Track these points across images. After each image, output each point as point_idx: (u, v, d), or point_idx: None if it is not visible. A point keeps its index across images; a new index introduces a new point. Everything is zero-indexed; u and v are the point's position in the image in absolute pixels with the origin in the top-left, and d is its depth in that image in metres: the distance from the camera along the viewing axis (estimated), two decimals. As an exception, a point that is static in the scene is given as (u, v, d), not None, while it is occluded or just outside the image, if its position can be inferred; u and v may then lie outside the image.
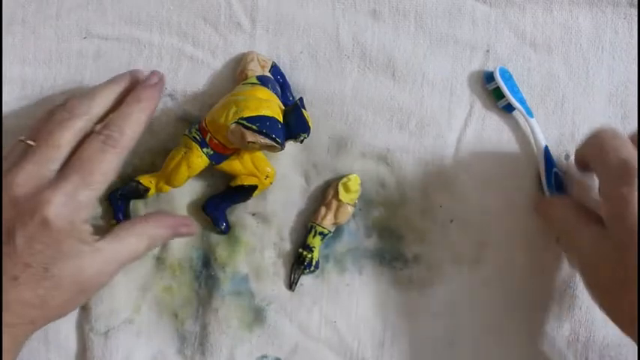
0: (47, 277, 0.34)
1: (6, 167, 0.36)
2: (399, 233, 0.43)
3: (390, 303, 0.43)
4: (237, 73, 0.42)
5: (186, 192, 0.43)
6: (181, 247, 0.43)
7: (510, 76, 0.42)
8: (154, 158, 0.42)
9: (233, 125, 0.38)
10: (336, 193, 0.42)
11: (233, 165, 0.41)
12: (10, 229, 0.34)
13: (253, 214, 0.44)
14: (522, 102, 0.42)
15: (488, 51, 0.43)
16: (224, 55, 0.43)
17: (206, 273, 0.44)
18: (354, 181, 0.42)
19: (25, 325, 0.35)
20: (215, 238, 0.43)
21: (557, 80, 0.43)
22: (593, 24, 0.43)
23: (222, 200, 0.42)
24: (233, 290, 0.43)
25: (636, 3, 0.42)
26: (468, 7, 0.43)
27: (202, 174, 0.41)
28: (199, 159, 0.39)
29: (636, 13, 0.43)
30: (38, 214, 0.34)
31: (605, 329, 0.42)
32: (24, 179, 0.35)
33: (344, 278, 0.43)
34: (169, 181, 0.40)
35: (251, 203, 0.43)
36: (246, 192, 0.42)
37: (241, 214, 0.43)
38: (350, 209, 0.42)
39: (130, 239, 0.38)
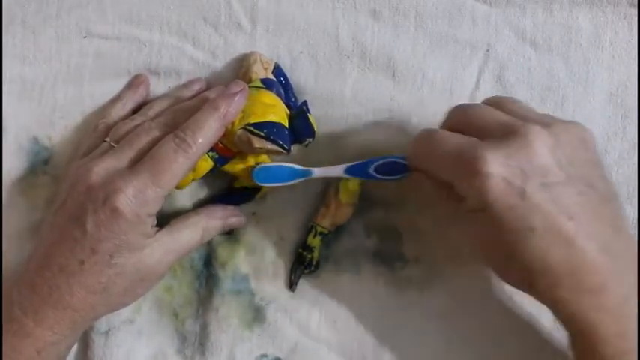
0: (111, 264, 0.36)
1: (88, 160, 0.38)
2: (399, 233, 0.43)
3: (389, 303, 0.43)
4: (240, 74, 0.42)
5: (189, 193, 0.43)
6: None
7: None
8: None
9: (240, 131, 0.38)
10: (336, 193, 0.42)
11: (236, 167, 0.41)
12: (82, 214, 0.36)
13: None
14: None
15: (488, 51, 0.43)
16: (224, 56, 0.43)
17: (206, 272, 0.44)
18: (354, 181, 0.41)
19: (85, 311, 0.37)
20: (216, 237, 0.43)
21: (557, 80, 0.43)
22: (593, 24, 0.43)
23: (224, 201, 0.43)
24: (233, 289, 0.43)
25: (636, 3, 0.42)
26: (468, 7, 0.43)
27: (205, 175, 0.41)
28: (204, 162, 0.39)
29: (636, 13, 0.42)
30: (109, 202, 0.35)
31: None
32: (102, 169, 0.36)
33: (344, 278, 0.43)
34: None
35: (251, 203, 0.43)
36: (248, 193, 0.42)
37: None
38: (350, 209, 0.42)
39: (186, 231, 0.39)
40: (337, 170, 0.40)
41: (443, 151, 0.34)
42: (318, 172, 0.40)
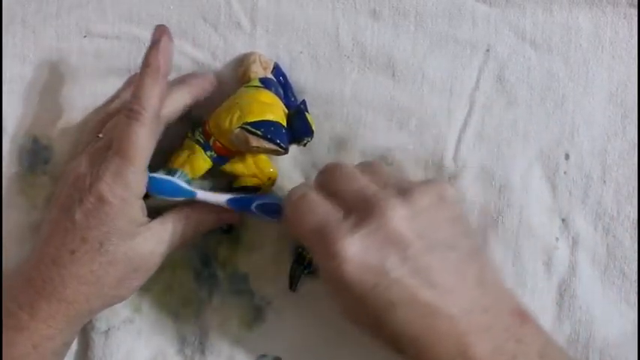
0: (102, 252, 0.36)
1: (79, 154, 0.39)
2: (399, 233, 0.43)
3: (389, 303, 0.43)
4: (239, 74, 0.42)
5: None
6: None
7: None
8: (155, 159, 0.42)
9: (237, 130, 0.38)
10: (336, 193, 0.42)
11: (236, 166, 0.41)
12: (71, 205, 0.36)
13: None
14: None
15: (488, 51, 0.43)
16: (224, 56, 0.43)
17: (206, 272, 0.44)
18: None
19: (79, 304, 0.37)
20: (216, 237, 0.43)
21: (557, 80, 0.43)
22: (593, 24, 0.43)
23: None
24: (233, 289, 0.43)
25: (636, 3, 0.42)
26: (468, 7, 0.43)
27: (204, 174, 0.41)
28: (203, 162, 0.40)
29: (636, 13, 0.42)
30: (93, 190, 0.36)
31: (605, 329, 0.42)
32: (87, 159, 0.37)
33: (344, 278, 0.43)
34: None
35: (251, 203, 0.43)
36: (248, 193, 0.42)
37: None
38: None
39: (178, 222, 0.39)
40: (220, 199, 0.39)
41: (309, 223, 0.34)
42: (201, 195, 0.39)
